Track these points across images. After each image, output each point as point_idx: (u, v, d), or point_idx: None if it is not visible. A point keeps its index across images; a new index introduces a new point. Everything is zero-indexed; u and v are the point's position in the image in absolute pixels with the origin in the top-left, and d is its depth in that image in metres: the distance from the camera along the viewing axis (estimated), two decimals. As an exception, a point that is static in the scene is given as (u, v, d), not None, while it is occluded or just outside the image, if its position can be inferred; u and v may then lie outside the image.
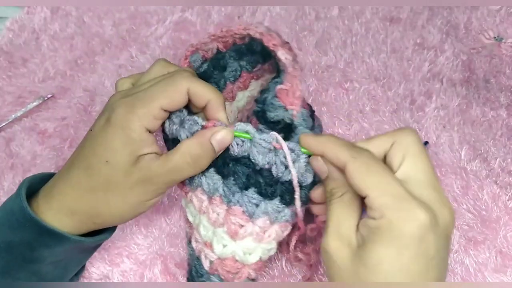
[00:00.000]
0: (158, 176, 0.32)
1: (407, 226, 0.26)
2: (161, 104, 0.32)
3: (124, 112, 0.32)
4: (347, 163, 0.29)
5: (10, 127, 0.51)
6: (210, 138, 0.32)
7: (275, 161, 0.33)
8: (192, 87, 0.33)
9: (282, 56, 0.36)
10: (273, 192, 0.34)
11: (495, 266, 0.40)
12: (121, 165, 0.32)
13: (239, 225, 0.34)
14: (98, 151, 0.32)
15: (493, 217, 0.43)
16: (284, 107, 0.37)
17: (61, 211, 0.33)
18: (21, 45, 0.58)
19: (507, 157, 0.47)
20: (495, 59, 0.55)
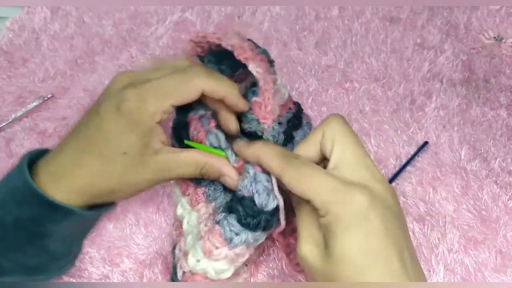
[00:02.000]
0: (169, 169, 0.34)
1: (350, 213, 0.28)
2: (173, 102, 0.33)
3: (136, 105, 0.32)
4: (281, 176, 0.31)
5: (10, 127, 0.51)
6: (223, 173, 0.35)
7: (257, 189, 0.32)
8: (208, 87, 0.34)
9: (253, 69, 0.37)
10: (257, 224, 0.32)
11: (495, 266, 0.40)
12: (138, 157, 0.33)
13: (214, 246, 0.33)
14: (112, 140, 0.33)
15: (493, 217, 0.43)
16: (257, 120, 0.37)
17: (69, 190, 0.33)
18: (21, 45, 0.58)
19: (507, 157, 0.47)
20: (495, 59, 0.55)
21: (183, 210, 0.38)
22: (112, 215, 0.44)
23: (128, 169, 0.33)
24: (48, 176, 0.33)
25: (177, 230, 0.38)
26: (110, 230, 0.43)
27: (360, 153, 0.31)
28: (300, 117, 0.41)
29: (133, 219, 0.44)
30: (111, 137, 0.33)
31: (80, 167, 0.33)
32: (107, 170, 0.33)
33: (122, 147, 0.33)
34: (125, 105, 0.32)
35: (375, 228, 0.28)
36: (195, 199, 0.37)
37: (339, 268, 0.28)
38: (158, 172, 0.34)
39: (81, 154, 0.33)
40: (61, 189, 0.33)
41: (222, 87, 0.34)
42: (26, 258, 0.33)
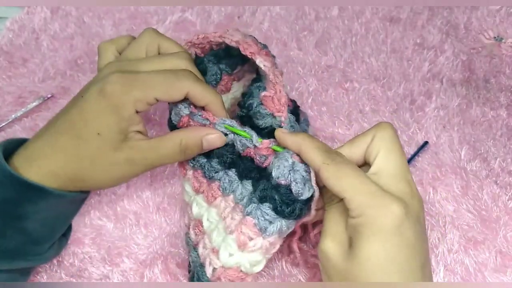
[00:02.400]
0: (145, 157, 0.34)
1: (384, 220, 0.28)
2: (157, 95, 0.34)
3: (121, 90, 0.33)
4: (320, 170, 0.31)
5: (10, 127, 0.51)
6: (203, 136, 0.35)
7: (295, 178, 0.32)
8: (192, 90, 0.34)
9: (260, 64, 0.37)
10: (292, 212, 0.32)
11: (495, 266, 0.40)
12: (112, 140, 0.33)
13: (248, 237, 0.33)
14: (90, 121, 0.33)
15: (493, 217, 0.43)
16: (271, 114, 0.37)
17: (44, 172, 0.33)
18: (21, 45, 0.58)
19: (507, 157, 0.47)
20: (495, 59, 0.55)
21: (200, 208, 0.37)
22: (112, 215, 0.44)
23: (100, 151, 0.33)
24: (24, 159, 0.34)
25: (195, 229, 0.37)
26: (110, 230, 0.43)
27: (403, 166, 0.31)
28: (298, 114, 0.41)
29: (133, 219, 0.44)
30: (89, 118, 0.33)
31: (55, 149, 0.34)
32: (80, 152, 0.33)
33: (97, 127, 0.33)
34: (109, 86, 0.33)
35: (406, 240, 0.28)
36: (211, 194, 0.37)
37: (361, 270, 0.28)
38: (131, 159, 0.34)
39: (58, 137, 0.34)
40: (34, 171, 0.33)
41: (206, 94, 0.35)
42: (6, 241, 0.33)
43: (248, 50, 0.37)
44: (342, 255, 0.30)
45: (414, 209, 0.30)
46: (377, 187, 0.29)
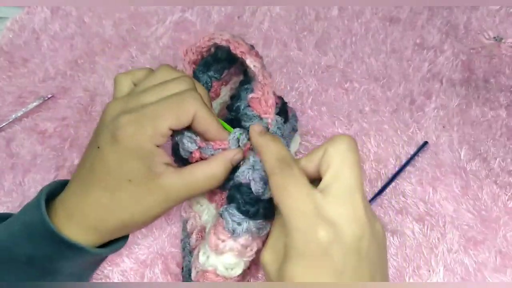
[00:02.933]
0: (179, 194, 0.33)
1: (308, 245, 0.27)
2: (169, 125, 0.32)
3: (133, 131, 0.31)
4: (269, 176, 0.30)
5: (11, 127, 0.51)
6: (231, 159, 0.34)
7: (254, 176, 0.32)
8: (199, 113, 0.33)
9: (250, 64, 0.36)
10: (256, 212, 0.32)
11: (494, 266, 0.41)
12: (144, 183, 0.32)
13: (220, 239, 0.33)
14: (115, 171, 0.32)
15: (493, 217, 0.43)
16: (258, 116, 0.37)
17: (84, 229, 0.33)
18: (21, 45, 0.58)
19: (506, 157, 0.47)
20: (495, 59, 0.55)
21: (209, 215, 0.37)
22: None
23: (136, 197, 0.32)
24: (63, 212, 0.33)
25: (199, 234, 0.37)
26: (110, 230, 0.43)
27: (352, 184, 0.29)
28: (286, 111, 0.41)
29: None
30: (113, 168, 0.32)
31: (89, 204, 0.33)
32: (115, 203, 0.32)
33: (126, 175, 0.32)
34: (120, 132, 0.32)
35: (334, 265, 0.27)
36: (221, 204, 0.36)
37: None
38: (166, 195, 0.33)
39: (88, 191, 0.33)
40: (74, 227, 0.33)
41: (211, 118, 0.34)
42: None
43: (238, 49, 0.37)
44: (276, 269, 0.29)
45: (349, 236, 0.28)
46: (313, 207, 0.28)
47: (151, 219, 0.34)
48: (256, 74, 0.37)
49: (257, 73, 0.37)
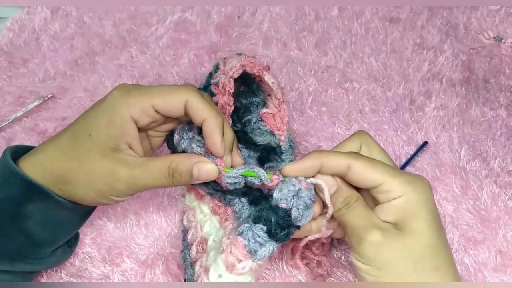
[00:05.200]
0: (130, 174, 0.33)
1: (425, 195, 0.31)
2: (154, 102, 0.33)
3: (118, 95, 0.33)
4: (352, 165, 0.32)
5: (11, 127, 0.51)
6: (194, 163, 0.33)
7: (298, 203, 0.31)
8: (191, 101, 0.33)
9: (269, 80, 0.37)
10: (286, 236, 0.32)
11: (494, 266, 0.41)
12: (101, 144, 0.33)
13: (237, 259, 0.31)
14: (86, 123, 0.34)
15: (493, 217, 0.43)
16: (271, 132, 0.37)
17: (36, 165, 0.34)
18: (21, 45, 0.58)
19: (506, 157, 0.47)
20: (495, 59, 0.55)
21: (212, 227, 0.37)
22: (113, 215, 0.44)
23: (88, 154, 0.33)
24: (28, 158, 0.34)
25: (199, 246, 0.37)
26: (110, 230, 0.43)
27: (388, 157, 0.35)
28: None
29: (133, 219, 0.44)
30: (86, 120, 0.34)
31: (53, 145, 0.34)
32: (71, 150, 0.33)
33: (89, 128, 0.33)
34: (106, 100, 0.34)
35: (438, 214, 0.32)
36: (225, 217, 0.36)
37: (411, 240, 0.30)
38: (116, 171, 0.33)
39: (59, 135, 0.35)
40: (30, 163, 0.34)
41: (205, 108, 0.33)
42: (7, 241, 0.34)
43: (255, 68, 0.37)
44: (391, 235, 0.31)
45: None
46: (400, 171, 0.33)
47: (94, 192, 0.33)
48: (274, 90, 0.37)
49: (275, 89, 0.37)
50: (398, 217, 0.31)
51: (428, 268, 0.30)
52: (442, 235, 0.32)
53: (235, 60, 0.37)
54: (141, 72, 0.55)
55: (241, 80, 0.39)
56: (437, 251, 0.31)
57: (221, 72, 0.37)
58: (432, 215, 0.31)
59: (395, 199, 0.31)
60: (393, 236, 0.31)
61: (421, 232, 0.31)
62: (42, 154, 0.34)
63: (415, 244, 0.30)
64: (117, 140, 0.33)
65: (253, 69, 0.37)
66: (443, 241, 0.32)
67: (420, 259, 0.30)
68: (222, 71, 0.37)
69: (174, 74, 0.55)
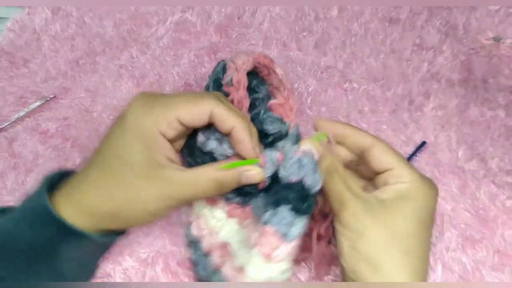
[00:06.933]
0: (182, 193, 0.32)
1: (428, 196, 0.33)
2: (179, 114, 0.31)
3: (141, 114, 0.31)
4: (374, 145, 0.35)
5: (13, 127, 0.51)
6: (242, 172, 0.33)
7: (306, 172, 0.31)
8: (216, 111, 0.32)
9: (279, 71, 0.38)
10: (309, 206, 0.31)
11: (492, 265, 0.41)
12: (142, 169, 0.31)
13: (272, 248, 0.31)
14: (116, 151, 0.31)
15: (491, 216, 0.43)
16: (281, 119, 0.38)
17: (81, 209, 0.32)
18: (22, 45, 0.58)
19: (504, 157, 0.47)
20: (494, 59, 0.55)
21: (230, 230, 0.37)
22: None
23: (135, 185, 0.31)
24: (64, 195, 0.33)
25: (219, 251, 0.36)
26: (111, 229, 0.44)
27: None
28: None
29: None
30: (115, 149, 0.32)
31: (89, 184, 0.32)
32: (113, 186, 0.32)
33: (126, 157, 0.31)
34: (129, 115, 0.31)
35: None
36: (244, 217, 0.36)
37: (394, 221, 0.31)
38: (163, 189, 0.31)
39: (91, 171, 0.33)
40: (72, 208, 0.32)
41: (231, 116, 0.32)
42: (37, 277, 0.32)
43: (266, 60, 0.38)
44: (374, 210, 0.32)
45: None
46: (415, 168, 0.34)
47: (149, 216, 0.33)
48: (284, 81, 0.38)
49: (284, 80, 0.38)
50: (392, 196, 0.32)
51: (398, 250, 0.30)
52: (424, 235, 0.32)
53: (244, 55, 0.38)
54: (142, 72, 0.55)
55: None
56: (412, 241, 0.31)
57: (232, 70, 0.37)
58: (423, 215, 0.32)
59: (400, 183, 0.33)
60: (374, 208, 0.31)
61: (404, 218, 0.31)
62: (80, 195, 0.32)
63: (393, 225, 0.31)
64: (154, 158, 0.31)
65: (265, 61, 0.38)
66: (424, 240, 0.32)
67: (392, 239, 0.31)
68: (233, 68, 0.37)
69: (175, 74, 0.55)
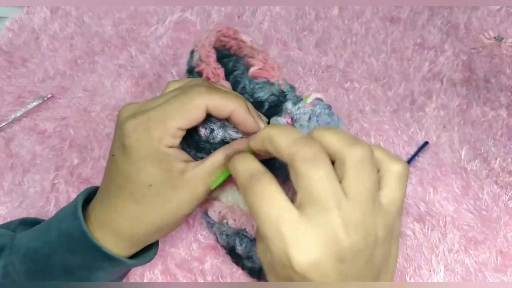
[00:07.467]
0: (206, 183, 0.32)
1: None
2: (177, 125, 0.30)
3: (140, 137, 0.30)
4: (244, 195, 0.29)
5: (10, 127, 0.51)
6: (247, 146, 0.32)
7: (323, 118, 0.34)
8: (211, 104, 0.31)
9: (246, 38, 0.39)
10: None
11: (495, 266, 0.40)
12: (166, 184, 0.31)
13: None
14: (134, 178, 0.31)
15: (493, 217, 0.43)
16: (268, 82, 0.38)
17: (117, 238, 0.32)
18: (20, 45, 0.58)
19: (507, 157, 0.47)
20: (496, 59, 0.55)
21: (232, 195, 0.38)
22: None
23: (163, 199, 0.31)
24: (96, 222, 0.33)
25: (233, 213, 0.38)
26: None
27: None
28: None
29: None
30: (130, 176, 0.31)
31: (117, 213, 0.32)
32: (143, 209, 0.32)
33: (145, 182, 0.31)
34: (127, 140, 0.31)
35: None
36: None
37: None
38: (193, 190, 0.32)
39: (113, 199, 0.32)
40: (108, 237, 0.32)
41: (226, 101, 0.31)
42: None
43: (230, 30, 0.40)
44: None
45: None
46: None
47: (182, 218, 0.33)
48: (254, 46, 0.39)
49: (255, 45, 0.39)
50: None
51: None
52: None
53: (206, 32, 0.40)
54: (141, 72, 0.55)
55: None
56: None
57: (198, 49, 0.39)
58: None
59: None
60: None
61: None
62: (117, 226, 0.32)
63: None
64: (172, 169, 0.31)
65: (229, 31, 0.39)
66: None
67: None
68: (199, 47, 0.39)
69: (174, 74, 0.54)
